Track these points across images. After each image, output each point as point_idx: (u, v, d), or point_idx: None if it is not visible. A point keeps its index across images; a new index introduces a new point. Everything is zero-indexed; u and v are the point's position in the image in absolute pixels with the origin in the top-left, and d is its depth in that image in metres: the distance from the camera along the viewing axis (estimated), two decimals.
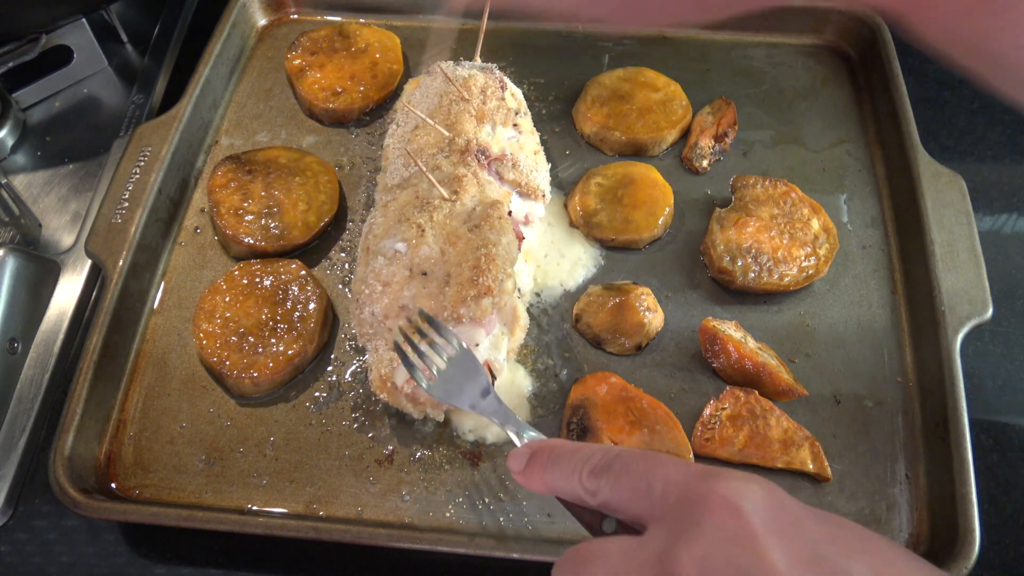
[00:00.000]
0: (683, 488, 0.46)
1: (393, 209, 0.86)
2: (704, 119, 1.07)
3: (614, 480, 0.50)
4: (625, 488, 0.50)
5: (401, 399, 0.80)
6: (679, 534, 0.44)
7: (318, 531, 0.76)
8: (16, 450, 0.86)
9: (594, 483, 0.52)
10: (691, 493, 0.45)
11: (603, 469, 0.51)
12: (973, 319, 0.87)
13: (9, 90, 1.14)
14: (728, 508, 0.43)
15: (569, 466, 0.54)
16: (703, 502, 0.44)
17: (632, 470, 0.49)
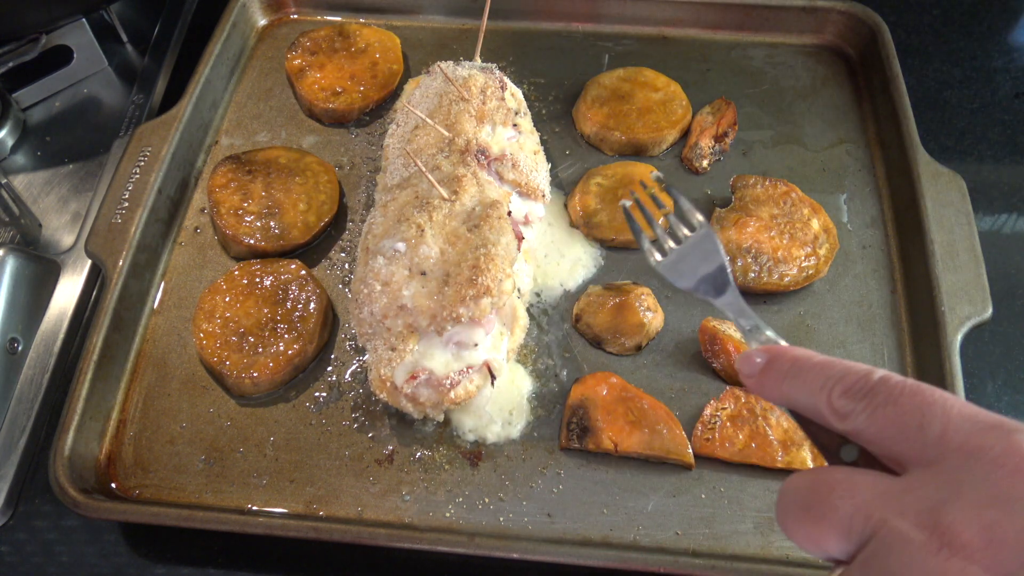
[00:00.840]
0: (969, 435, 0.39)
1: (393, 209, 0.86)
2: (704, 119, 1.07)
3: (876, 408, 0.43)
4: (889, 420, 0.42)
5: (401, 399, 0.80)
6: (960, 488, 0.37)
7: (318, 531, 0.76)
8: (16, 450, 0.86)
9: (848, 405, 0.44)
10: (979, 442, 0.38)
11: (863, 392, 0.44)
12: (973, 319, 0.87)
13: (9, 90, 1.14)
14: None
15: (818, 380, 0.46)
16: (998, 457, 0.37)
17: (901, 401, 0.42)
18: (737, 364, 0.52)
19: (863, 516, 0.39)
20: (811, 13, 1.16)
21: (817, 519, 0.41)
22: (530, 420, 0.86)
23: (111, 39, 1.22)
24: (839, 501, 0.40)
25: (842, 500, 0.40)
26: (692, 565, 0.75)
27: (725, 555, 0.77)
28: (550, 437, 0.85)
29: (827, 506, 0.41)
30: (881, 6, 1.13)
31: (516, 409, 0.86)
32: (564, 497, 0.81)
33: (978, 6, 1.28)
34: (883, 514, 0.39)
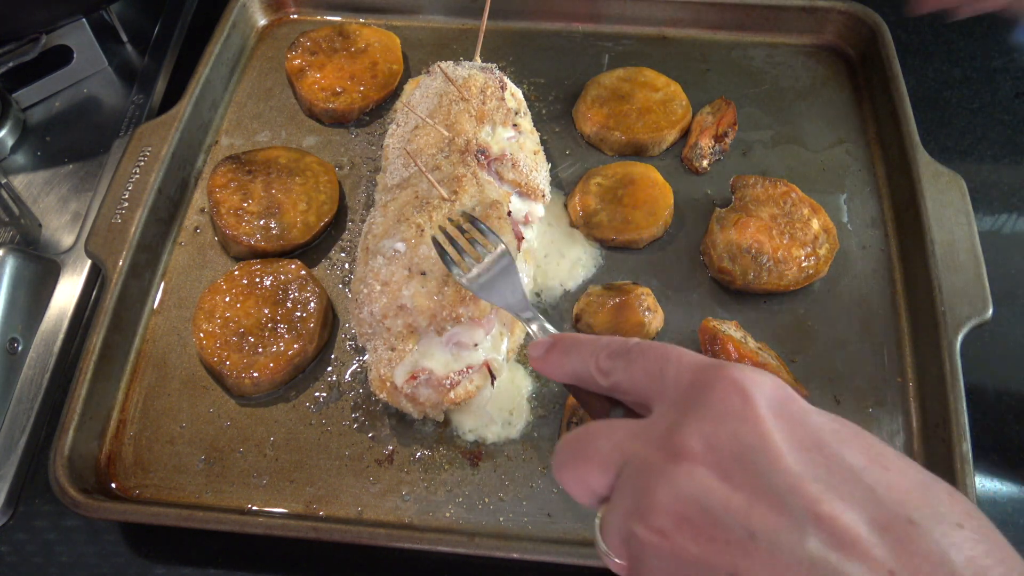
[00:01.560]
0: (694, 372, 0.47)
1: (392, 209, 0.86)
2: (704, 119, 1.07)
3: (629, 363, 0.51)
4: (638, 370, 0.51)
5: (401, 399, 0.80)
6: (687, 411, 0.45)
7: (318, 531, 0.76)
8: (16, 450, 0.86)
9: (609, 363, 0.53)
10: (702, 376, 0.46)
11: (621, 353, 0.52)
12: (973, 319, 0.86)
13: (9, 90, 1.14)
14: (737, 390, 0.44)
15: (589, 349, 0.55)
16: (712, 384, 0.45)
17: (648, 355, 0.50)
18: (528, 350, 0.61)
19: (618, 451, 0.47)
20: (811, 13, 1.16)
21: (583, 460, 0.49)
22: (530, 420, 0.86)
23: (111, 39, 1.22)
24: (600, 443, 0.48)
25: (602, 441, 0.48)
26: None
27: None
28: (550, 437, 0.85)
29: (590, 448, 0.49)
30: (881, 6, 1.13)
31: (516, 409, 0.86)
32: (564, 497, 0.81)
33: None
34: (632, 446, 0.47)
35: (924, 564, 0.37)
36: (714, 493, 0.41)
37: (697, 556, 0.41)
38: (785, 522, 0.39)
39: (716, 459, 0.43)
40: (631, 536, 0.44)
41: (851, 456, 0.42)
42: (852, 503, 0.39)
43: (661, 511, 0.43)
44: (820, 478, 0.40)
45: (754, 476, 0.41)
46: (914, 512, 0.39)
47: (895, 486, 0.40)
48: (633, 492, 0.45)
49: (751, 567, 0.39)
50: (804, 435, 0.43)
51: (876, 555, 0.38)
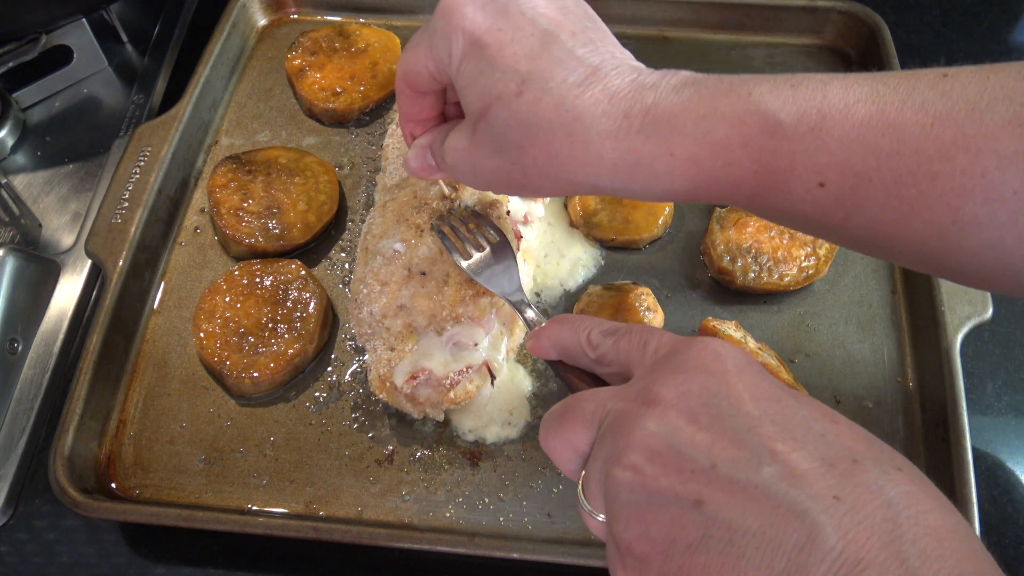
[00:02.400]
0: (673, 344, 0.53)
1: (392, 209, 0.86)
2: None
3: (618, 339, 0.57)
4: (625, 345, 0.57)
5: (401, 399, 0.80)
6: (663, 369, 0.51)
7: (318, 531, 0.76)
8: (16, 450, 0.86)
9: (600, 339, 0.59)
10: (679, 345, 0.52)
11: (611, 331, 0.59)
12: (973, 319, 0.86)
13: (9, 90, 1.14)
14: (710, 351, 0.50)
15: (582, 324, 0.61)
16: (688, 348, 0.51)
17: (634, 332, 0.57)
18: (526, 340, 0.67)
19: (601, 409, 0.52)
20: (811, 13, 1.16)
21: (569, 420, 0.54)
22: (530, 420, 0.86)
23: (111, 39, 1.22)
24: (584, 404, 0.53)
25: (587, 403, 0.53)
26: None
27: None
28: None
29: (576, 410, 0.54)
30: (881, 6, 1.13)
31: (516, 409, 0.86)
32: (564, 497, 0.81)
33: (978, 6, 1.28)
34: (613, 402, 0.51)
35: (864, 492, 0.41)
36: (682, 432, 0.46)
37: (666, 487, 0.45)
38: (744, 455, 0.44)
39: (686, 405, 0.47)
40: (607, 478, 0.48)
41: (804, 410, 0.47)
42: (804, 443, 0.44)
43: (634, 449, 0.47)
44: (776, 422, 0.45)
45: (718, 419, 0.46)
46: (858, 455, 0.43)
47: (842, 435, 0.45)
48: (612, 438, 0.49)
49: (713, 494, 0.43)
50: (765, 389, 0.48)
51: (822, 484, 0.42)
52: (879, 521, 0.40)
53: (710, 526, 0.43)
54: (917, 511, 0.40)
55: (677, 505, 0.44)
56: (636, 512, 0.46)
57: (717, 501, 0.43)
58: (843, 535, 0.40)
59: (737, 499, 0.43)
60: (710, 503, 0.43)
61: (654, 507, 0.45)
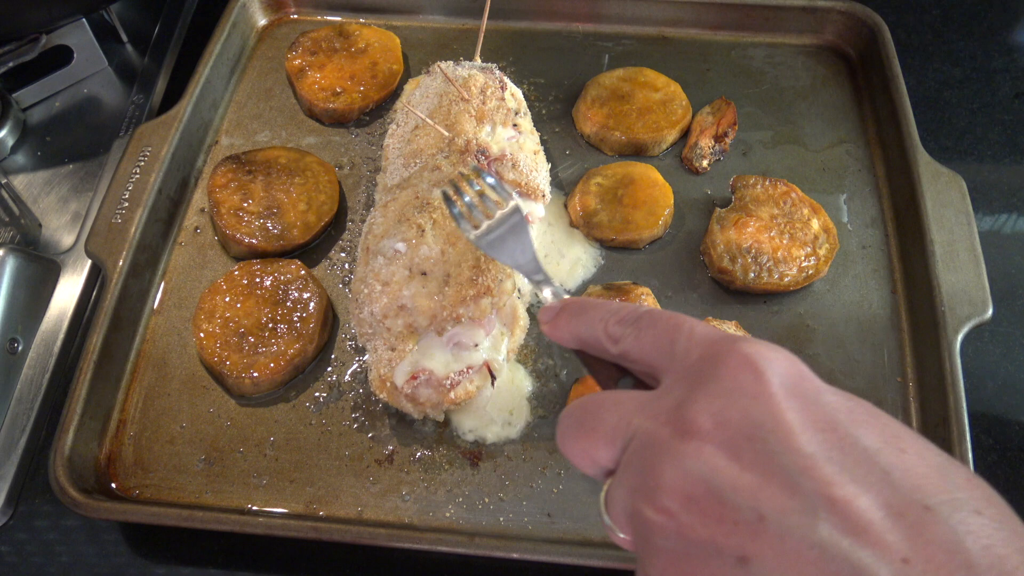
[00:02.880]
0: (706, 346, 0.46)
1: (393, 209, 0.86)
2: (704, 119, 1.07)
3: (639, 330, 0.51)
4: (648, 339, 0.50)
5: (401, 399, 0.80)
6: (697, 387, 0.44)
7: (318, 531, 0.76)
8: (16, 450, 0.86)
9: (619, 330, 0.52)
10: (713, 350, 0.45)
11: (631, 320, 0.52)
12: (973, 319, 0.86)
13: (9, 90, 1.14)
14: (749, 367, 0.43)
15: (598, 314, 0.54)
16: (724, 359, 0.44)
17: (658, 324, 0.50)
18: (539, 315, 0.61)
19: (624, 424, 0.46)
20: (811, 13, 1.16)
21: (588, 432, 0.48)
22: (530, 420, 0.86)
23: (111, 39, 1.22)
24: (606, 415, 0.47)
25: (608, 413, 0.47)
26: None
27: None
28: (550, 437, 0.85)
29: (596, 420, 0.48)
30: (881, 6, 1.13)
31: (516, 409, 0.86)
32: (564, 497, 0.81)
33: (978, 6, 1.28)
34: (640, 421, 0.45)
35: (939, 552, 0.36)
36: (723, 473, 0.40)
37: (705, 538, 0.40)
38: (796, 504, 0.38)
39: (725, 437, 0.41)
40: (636, 514, 0.44)
41: (866, 438, 0.40)
42: (866, 487, 0.38)
43: (668, 491, 0.42)
44: (834, 460, 0.39)
45: (765, 456, 0.40)
46: (930, 498, 0.38)
47: (911, 470, 0.39)
48: (640, 469, 0.44)
49: (760, 550, 0.38)
50: (818, 415, 0.41)
51: (889, 541, 0.36)
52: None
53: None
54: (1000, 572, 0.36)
55: (719, 559, 0.40)
56: (672, 560, 0.42)
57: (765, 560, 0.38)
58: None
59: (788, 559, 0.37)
60: (757, 561, 0.38)
61: (692, 559, 0.41)
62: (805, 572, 0.37)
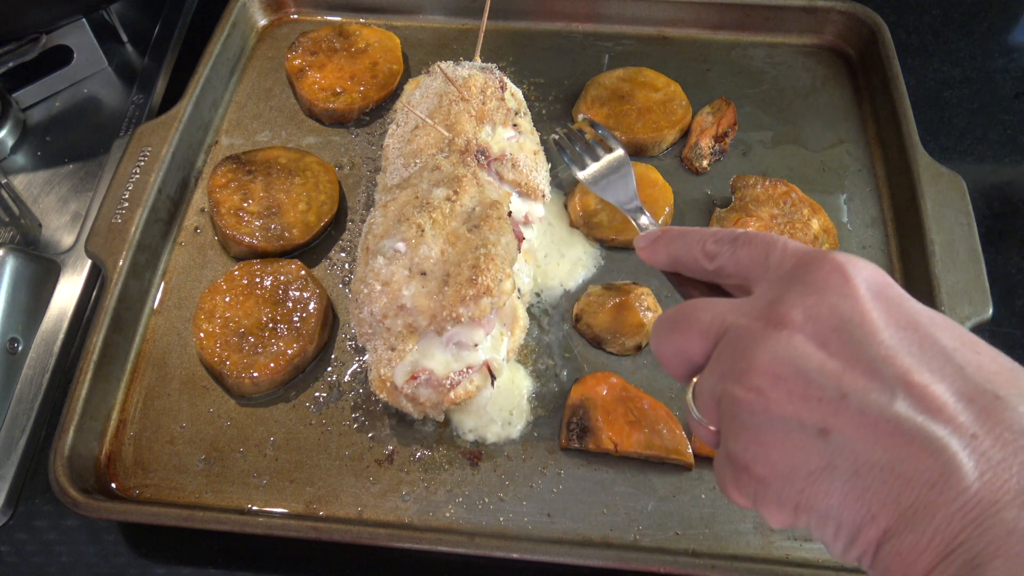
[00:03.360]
0: (799, 256, 0.49)
1: (393, 209, 0.86)
2: (704, 119, 1.07)
3: (736, 247, 0.54)
4: (744, 254, 0.53)
5: (401, 399, 0.80)
6: (789, 288, 0.47)
7: (318, 531, 0.76)
8: (16, 450, 0.86)
9: (716, 248, 0.55)
10: (805, 259, 0.49)
11: (728, 239, 0.55)
12: (973, 319, 0.86)
13: (9, 90, 1.14)
14: (839, 271, 0.46)
15: (696, 236, 0.58)
16: (816, 264, 0.47)
17: (754, 241, 0.53)
18: (636, 241, 0.64)
19: (719, 321, 0.50)
20: (811, 13, 1.16)
21: (684, 329, 0.52)
22: (530, 420, 0.86)
23: (111, 39, 1.22)
24: (701, 314, 0.51)
25: (703, 312, 0.51)
26: (692, 565, 0.75)
27: (725, 555, 0.77)
28: (550, 437, 0.85)
29: (692, 319, 0.51)
30: (881, 6, 1.13)
31: (516, 409, 0.86)
32: (564, 497, 0.81)
33: (978, 6, 1.28)
34: (734, 317, 0.49)
35: (1007, 432, 0.39)
36: (810, 358, 0.44)
37: (790, 412, 0.43)
38: (876, 386, 0.42)
39: (815, 329, 0.45)
40: (725, 395, 0.47)
41: (944, 339, 0.43)
42: (942, 376, 0.41)
43: (759, 371, 0.45)
44: (913, 353, 0.42)
45: (850, 345, 0.43)
46: (1000, 389, 0.41)
47: (984, 367, 0.42)
48: (732, 355, 0.47)
49: (840, 424, 0.42)
50: (900, 315, 0.45)
51: (961, 420, 0.40)
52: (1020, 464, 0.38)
53: (835, 456, 0.42)
54: None
55: (801, 432, 0.43)
56: (756, 434, 0.45)
57: (845, 431, 0.42)
58: (980, 475, 0.38)
59: (867, 431, 0.41)
60: (837, 433, 0.42)
61: (776, 431, 0.44)
62: (881, 442, 0.40)
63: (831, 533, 0.44)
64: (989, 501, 0.38)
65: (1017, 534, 0.37)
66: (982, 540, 0.38)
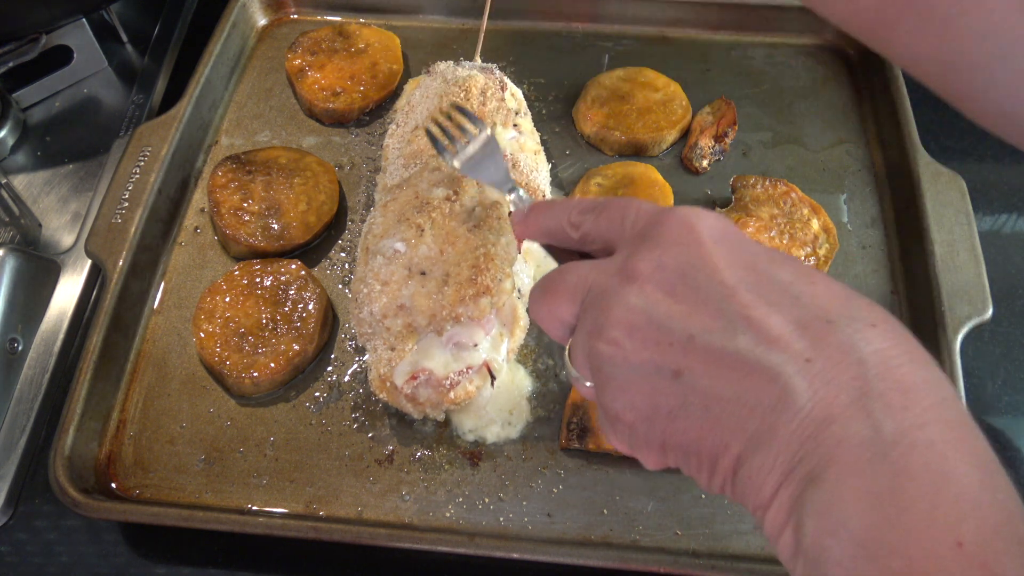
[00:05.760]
0: (650, 215, 0.53)
1: (392, 209, 0.86)
2: (704, 119, 1.07)
3: (597, 215, 0.58)
4: (603, 220, 0.57)
5: (401, 399, 0.80)
6: (641, 244, 0.51)
7: (318, 531, 0.76)
8: (16, 450, 0.86)
9: (580, 218, 0.59)
10: (656, 218, 0.52)
11: (590, 207, 0.59)
12: (973, 319, 0.86)
13: (9, 90, 1.14)
14: (684, 223, 0.50)
15: (563, 208, 0.61)
16: (664, 220, 0.51)
17: (612, 206, 0.57)
18: (511, 218, 0.68)
19: (583, 281, 0.54)
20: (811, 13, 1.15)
21: (553, 293, 0.56)
22: (530, 420, 0.86)
23: (111, 39, 1.22)
24: (567, 276, 0.55)
25: (569, 275, 0.55)
26: (692, 565, 0.75)
27: (725, 555, 0.77)
28: (550, 437, 0.85)
29: (559, 283, 0.55)
30: None
31: (516, 409, 0.86)
32: (564, 497, 0.81)
33: None
34: (594, 276, 0.53)
35: (836, 352, 0.42)
36: (660, 305, 0.48)
37: (645, 359, 0.47)
38: (720, 324, 0.45)
39: (662, 278, 0.49)
40: (592, 351, 0.51)
41: (781, 273, 0.47)
42: (778, 308, 0.45)
43: (615, 324, 0.49)
44: (752, 289, 0.46)
45: (695, 289, 0.47)
46: (832, 315, 0.44)
47: (818, 295, 0.46)
48: (594, 312, 0.51)
49: (690, 364, 0.46)
50: (740, 256, 0.49)
51: (796, 347, 0.43)
52: (848, 379, 0.41)
53: (688, 394, 0.46)
54: (886, 367, 0.42)
55: (658, 376, 0.47)
56: (620, 384, 0.49)
57: (694, 371, 0.45)
58: (813, 394, 0.42)
59: (713, 367, 0.45)
60: (688, 373, 0.46)
61: (636, 379, 0.48)
62: (726, 377, 0.44)
63: (695, 466, 0.48)
64: (822, 417, 0.41)
65: (846, 444, 0.40)
66: (817, 453, 0.41)
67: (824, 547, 0.39)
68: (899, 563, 0.37)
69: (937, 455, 0.39)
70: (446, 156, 0.78)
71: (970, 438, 0.42)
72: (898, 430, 0.39)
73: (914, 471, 0.39)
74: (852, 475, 0.39)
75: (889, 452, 0.39)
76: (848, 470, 0.40)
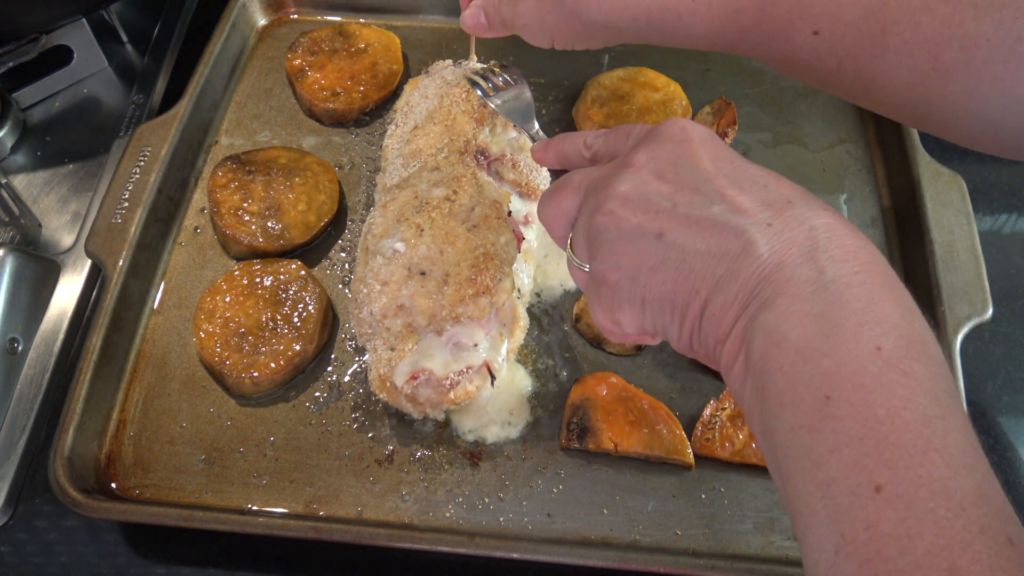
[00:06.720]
0: (650, 128, 0.62)
1: (392, 209, 0.86)
2: (704, 119, 1.07)
3: (607, 136, 0.66)
4: (611, 139, 0.66)
5: (401, 399, 0.80)
6: (639, 144, 0.60)
7: (318, 531, 0.76)
8: (16, 450, 0.86)
9: (593, 140, 0.68)
10: (654, 127, 0.61)
11: (602, 133, 0.68)
12: (973, 319, 0.86)
13: (9, 90, 1.14)
14: (678, 127, 0.59)
15: (579, 136, 0.70)
16: (661, 126, 0.60)
17: (620, 128, 0.65)
18: (532, 148, 0.77)
19: (587, 178, 0.62)
20: None
21: (560, 191, 0.64)
22: (530, 420, 0.86)
23: (111, 39, 1.22)
24: (574, 176, 0.64)
25: (576, 175, 0.64)
26: (692, 565, 0.75)
27: (725, 555, 0.77)
28: (550, 437, 0.85)
29: (567, 182, 0.64)
30: None
31: (516, 409, 0.86)
32: (564, 497, 0.81)
33: None
34: (597, 172, 0.62)
35: (793, 221, 0.51)
36: (650, 184, 0.56)
37: (634, 224, 0.55)
38: (699, 198, 0.54)
39: (655, 166, 0.57)
40: (590, 227, 0.59)
41: (752, 169, 0.56)
42: (749, 192, 0.54)
43: (611, 198, 0.57)
44: (727, 177, 0.55)
45: (681, 174, 0.56)
46: (792, 198, 0.53)
47: (783, 186, 0.54)
48: (595, 195, 0.60)
49: (671, 226, 0.54)
50: (721, 153, 0.57)
51: (760, 216, 0.52)
52: (801, 239, 0.50)
53: (668, 250, 0.54)
54: (833, 233, 0.50)
55: (643, 238, 0.55)
56: (611, 248, 0.57)
57: (675, 231, 0.54)
58: (771, 247, 0.50)
59: (691, 229, 0.53)
60: (669, 233, 0.54)
61: (625, 241, 0.56)
62: (701, 235, 0.53)
63: (668, 318, 0.55)
64: (776, 262, 0.50)
65: (794, 280, 0.49)
66: (769, 288, 0.49)
67: (769, 356, 0.48)
68: (828, 362, 0.45)
69: (867, 291, 0.48)
70: (488, 98, 0.90)
71: (896, 288, 0.49)
72: (837, 274, 0.48)
73: (847, 300, 0.47)
74: (796, 301, 0.48)
75: (828, 287, 0.48)
76: (793, 299, 0.48)
